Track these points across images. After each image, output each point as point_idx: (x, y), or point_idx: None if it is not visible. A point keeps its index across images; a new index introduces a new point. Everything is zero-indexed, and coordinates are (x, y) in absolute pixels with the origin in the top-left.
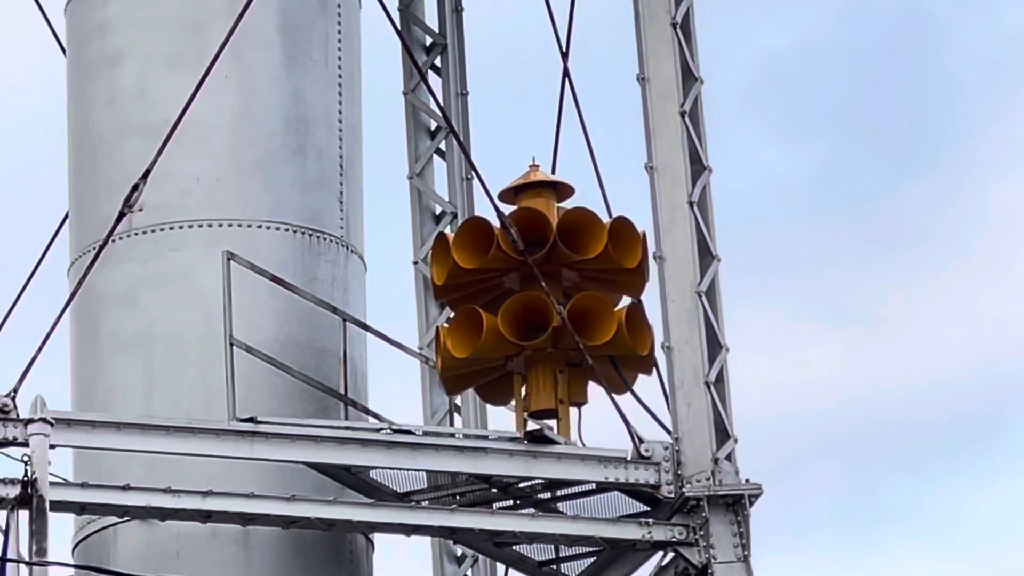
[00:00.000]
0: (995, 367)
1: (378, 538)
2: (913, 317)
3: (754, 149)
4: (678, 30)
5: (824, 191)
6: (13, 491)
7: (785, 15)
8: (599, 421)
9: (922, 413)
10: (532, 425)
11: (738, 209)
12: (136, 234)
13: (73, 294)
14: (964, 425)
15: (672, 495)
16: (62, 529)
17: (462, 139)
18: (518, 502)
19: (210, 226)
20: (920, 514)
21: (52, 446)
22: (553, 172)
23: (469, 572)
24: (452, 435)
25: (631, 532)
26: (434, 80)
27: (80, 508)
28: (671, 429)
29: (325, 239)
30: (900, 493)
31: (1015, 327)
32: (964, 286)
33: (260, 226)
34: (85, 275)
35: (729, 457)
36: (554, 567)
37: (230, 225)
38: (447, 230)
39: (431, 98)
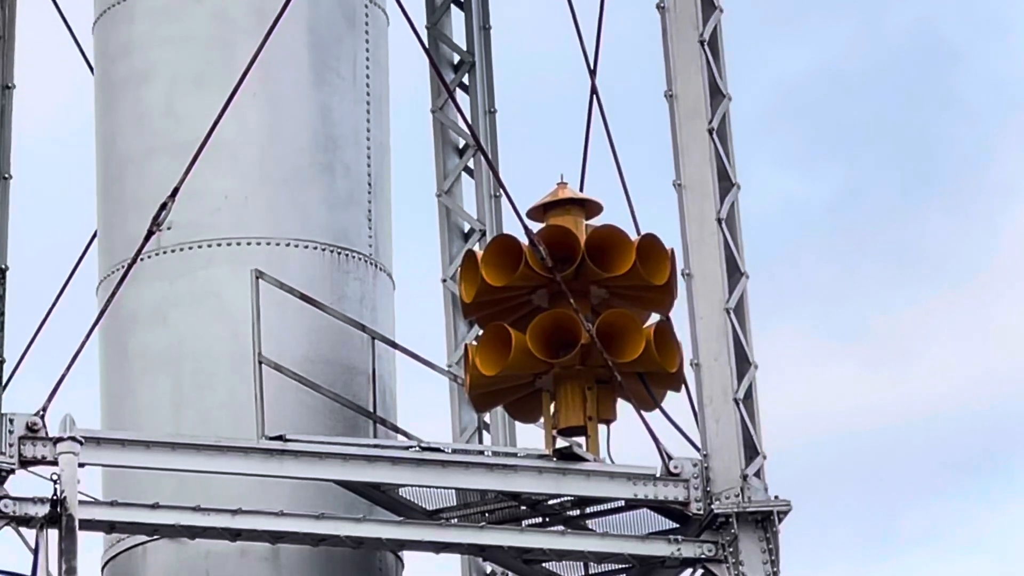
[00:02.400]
0: (1012, 390)
1: (407, 556)
2: (928, 340)
3: (771, 174)
4: (705, 47)
5: (840, 215)
6: (43, 510)
7: (800, 41)
8: (628, 438)
9: (939, 436)
10: (561, 442)
11: (755, 233)
12: (165, 252)
13: (102, 312)
14: (982, 448)
15: (701, 512)
16: (92, 548)
17: (490, 157)
18: (547, 519)
19: (238, 244)
20: (938, 538)
21: (81, 464)
22: (581, 189)
23: None
24: (481, 452)
25: (660, 549)
26: (462, 98)
27: (109, 527)
28: (700, 446)
29: (353, 257)
30: (918, 517)
31: None
32: (980, 308)
33: (288, 244)
34: (114, 293)
35: (758, 474)
36: None
37: (258, 243)
38: (475, 248)
39: (459, 116)
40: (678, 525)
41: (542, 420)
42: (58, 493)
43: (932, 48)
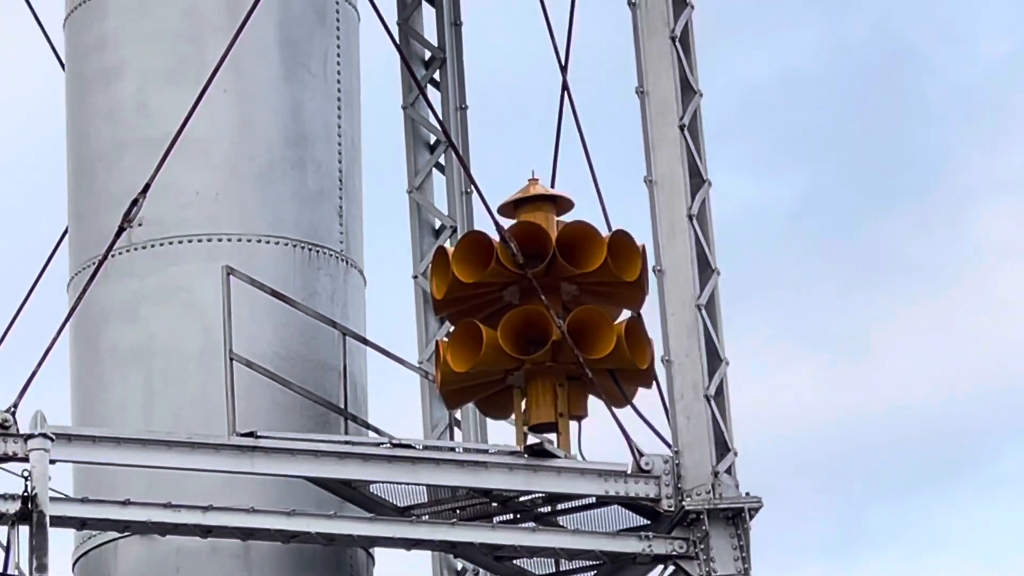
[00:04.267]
0: (974, 393)
1: (379, 552)
2: (892, 344)
3: (732, 178)
4: (677, 43)
5: (804, 221)
6: (13, 506)
7: (764, 47)
8: (599, 435)
9: (901, 439)
10: (532, 439)
11: (720, 236)
12: (136, 249)
13: (73, 309)
14: (944, 450)
15: (672, 508)
16: (62, 544)
17: (461, 153)
18: (518, 516)
19: (209, 240)
20: (905, 537)
21: (52, 461)
22: (552, 186)
23: None
24: (452, 449)
25: (631, 546)
26: (433, 94)
27: (80, 523)
28: (671, 442)
29: (324, 253)
30: (881, 518)
31: (993, 354)
32: (943, 313)
33: (259, 240)
34: (85, 290)
35: (729, 470)
36: None
37: (229, 239)
38: (447, 244)
39: (430, 112)
40: (649, 522)
41: (513, 417)
42: (29, 490)
43: (896, 54)
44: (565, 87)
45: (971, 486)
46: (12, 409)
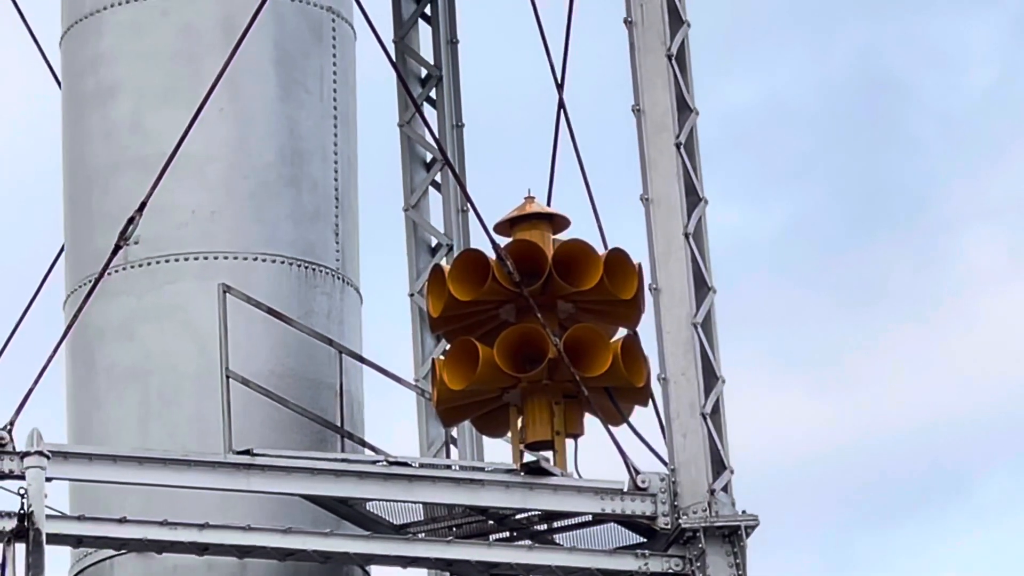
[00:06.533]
0: (958, 421)
1: (375, 570)
2: (876, 372)
3: (716, 206)
4: (673, 62)
5: (788, 249)
6: (10, 524)
7: (746, 74)
8: (595, 453)
9: (887, 466)
10: (528, 457)
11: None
12: (132, 267)
13: (69, 327)
14: (930, 478)
15: (668, 526)
16: (59, 562)
17: (457, 171)
18: (515, 534)
19: (206, 259)
20: (894, 565)
21: (48, 479)
22: (549, 204)
23: None
24: (448, 467)
25: (628, 564)
26: (429, 112)
27: (77, 541)
28: (667, 460)
29: (321, 271)
30: (868, 546)
31: (978, 381)
32: (927, 341)
33: (256, 259)
34: (81, 308)
35: (725, 488)
36: None
37: (225, 258)
38: (443, 262)
39: (426, 130)
40: (645, 540)
41: (509, 435)
42: (25, 507)
43: (880, 82)
44: (561, 105)
45: (958, 513)
46: (8, 427)
